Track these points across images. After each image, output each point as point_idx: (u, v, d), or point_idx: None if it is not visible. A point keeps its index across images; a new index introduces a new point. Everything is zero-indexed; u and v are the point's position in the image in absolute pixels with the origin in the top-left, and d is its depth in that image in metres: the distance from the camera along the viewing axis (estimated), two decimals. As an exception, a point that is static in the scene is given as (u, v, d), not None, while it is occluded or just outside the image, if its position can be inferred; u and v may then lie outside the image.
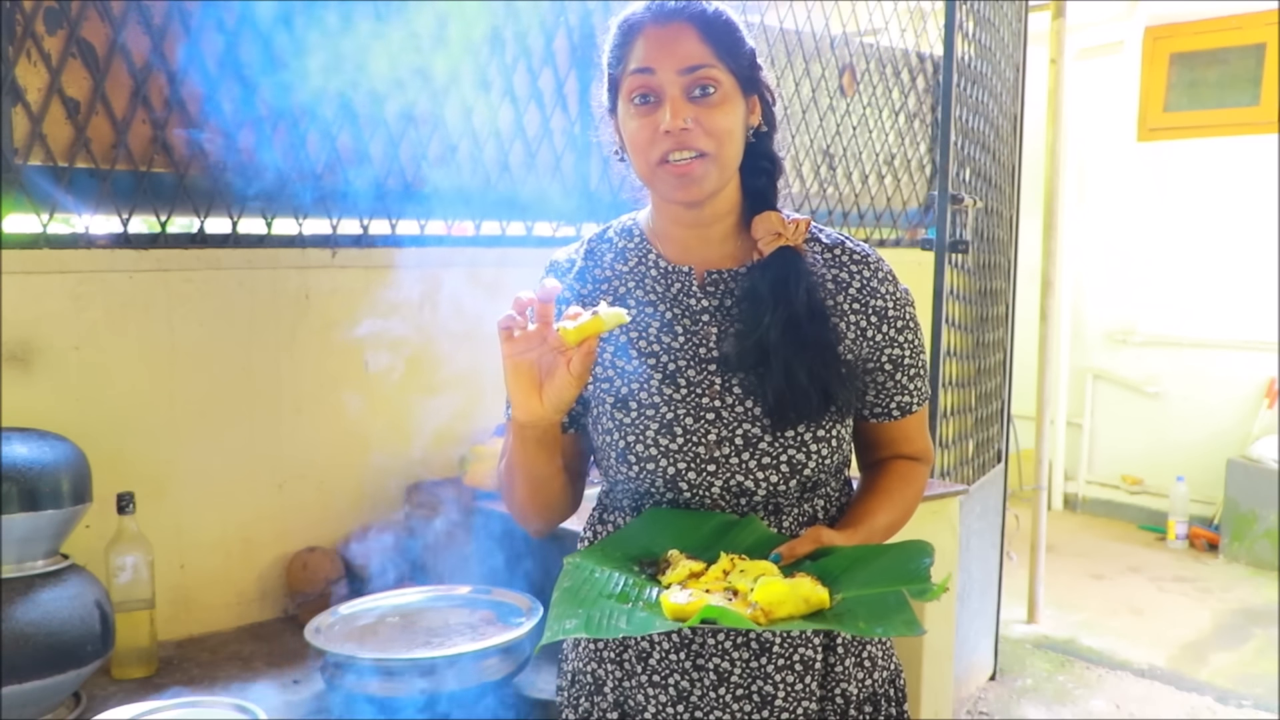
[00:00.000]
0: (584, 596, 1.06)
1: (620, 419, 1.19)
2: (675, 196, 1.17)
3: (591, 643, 1.27)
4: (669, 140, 1.13)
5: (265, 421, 2.08)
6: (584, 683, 1.28)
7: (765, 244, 1.20)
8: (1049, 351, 4.25)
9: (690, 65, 1.14)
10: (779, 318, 1.16)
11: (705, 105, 1.14)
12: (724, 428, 1.17)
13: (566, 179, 2.49)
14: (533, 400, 1.07)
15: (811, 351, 1.16)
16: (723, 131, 1.15)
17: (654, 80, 1.14)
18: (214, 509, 2.02)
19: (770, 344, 1.15)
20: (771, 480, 1.17)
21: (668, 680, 1.21)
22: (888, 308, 1.24)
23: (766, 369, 1.15)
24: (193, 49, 1.86)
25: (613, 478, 1.25)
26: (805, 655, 1.21)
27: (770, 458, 1.17)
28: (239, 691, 1.62)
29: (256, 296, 2.04)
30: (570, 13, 2.43)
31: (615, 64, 1.19)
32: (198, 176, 1.92)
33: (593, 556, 1.15)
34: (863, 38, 3.30)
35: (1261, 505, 4.83)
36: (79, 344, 1.84)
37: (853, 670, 1.24)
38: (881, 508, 1.24)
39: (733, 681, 1.19)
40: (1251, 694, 3.55)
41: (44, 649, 1.48)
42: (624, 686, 1.24)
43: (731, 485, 1.17)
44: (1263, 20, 5.05)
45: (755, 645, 1.19)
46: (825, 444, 1.19)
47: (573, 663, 1.31)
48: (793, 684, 1.20)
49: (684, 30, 1.15)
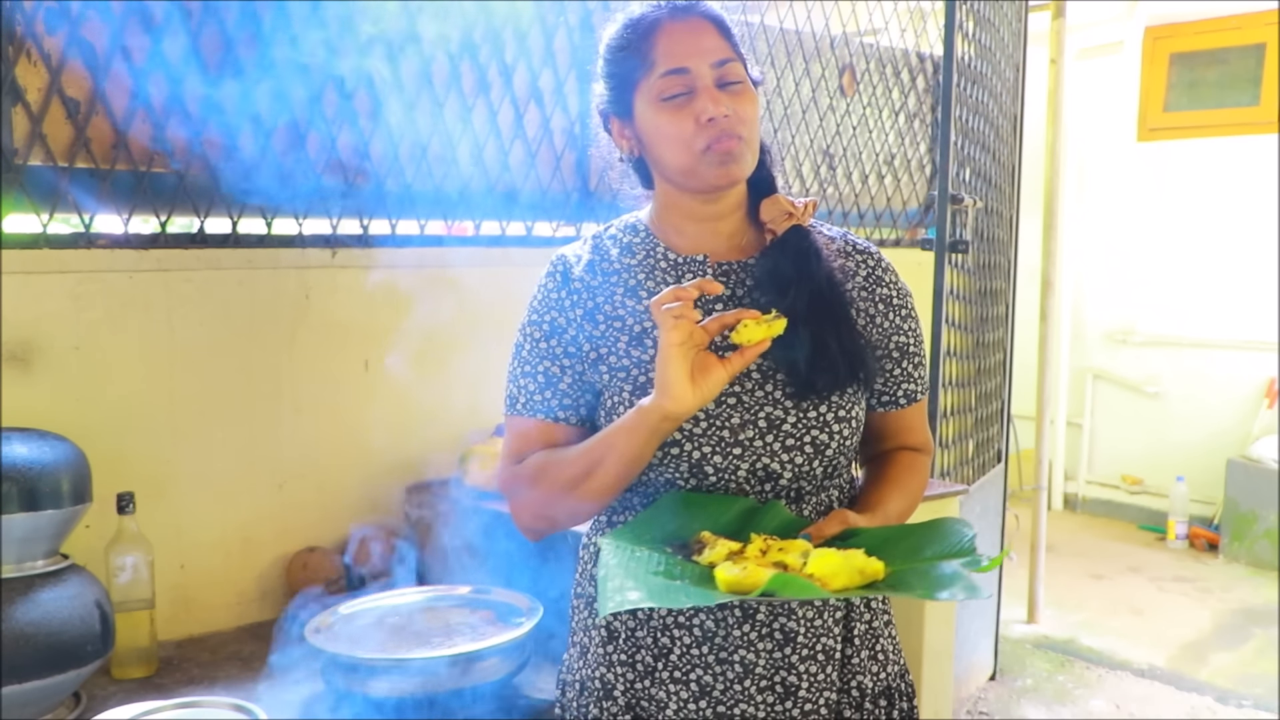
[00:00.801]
0: (631, 572, 1.03)
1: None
2: (719, 180, 1.18)
3: (601, 648, 1.26)
4: (713, 128, 1.14)
5: (265, 421, 2.08)
6: (593, 689, 1.27)
7: (777, 224, 1.23)
8: (1049, 351, 4.25)
9: (720, 58, 1.17)
10: (804, 290, 1.18)
11: (735, 95, 1.17)
12: (745, 411, 1.17)
13: (566, 179, 2.49)
14: (687, 390, 1.05)
15: (837, 320, 1.19)
16: (751, 120, 1.18)
17: (689, 78, 1.16)
18: (214, 509, 2.02)
19: (797, 315, 1.16)
20: (796, 461, 1.18)
21: (689, 676, 1.20)
22: (892, 296, 1.28)
23: (793, 340, 1.15)
24: (193, 49, 1.86)
25: None
26: (827, 645, 1.21)
27: (794, 439, 1.17)
28: (239, 691, 1.62)
29: (256, 296, 2.04)
30: (570, 13, 2.43)
31: (631, 65, 1.19)
32: (198, 176, 1.92)
33: (625, 536, 1.12)
34: (863, 38, 3.30)
35: (1261, 505, 4.83)
36: (79, 344, 1.84)
37: (868, 663, 1.25)
38: (893, 495, 1.25)
39: (757, 673, 1.19)
40: (1251, 694, 3.55)
41: (44, 649, 1.48)
42: (636, 689, 1.23)
43: (757, 468, 1.17)
44: (1263, 20, 5.05)
45: (779, 636, 1.19)
46: (846, 424, 1.20)
47: (579, 672, 1.29)
48: (815, 674, 1.20)
49: (703, 25, 1.18)
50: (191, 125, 1.88)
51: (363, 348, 2.18)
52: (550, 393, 1.22)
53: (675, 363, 1.04)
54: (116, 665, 1.74)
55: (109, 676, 1.74)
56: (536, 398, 1.22)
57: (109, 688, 1.71)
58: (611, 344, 1.21)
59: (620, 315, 1.22)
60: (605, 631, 1.26)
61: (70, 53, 1.75)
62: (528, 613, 1.71)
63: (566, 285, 1.24)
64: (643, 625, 1.23)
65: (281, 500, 2.11)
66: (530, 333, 1.24)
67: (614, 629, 1.25)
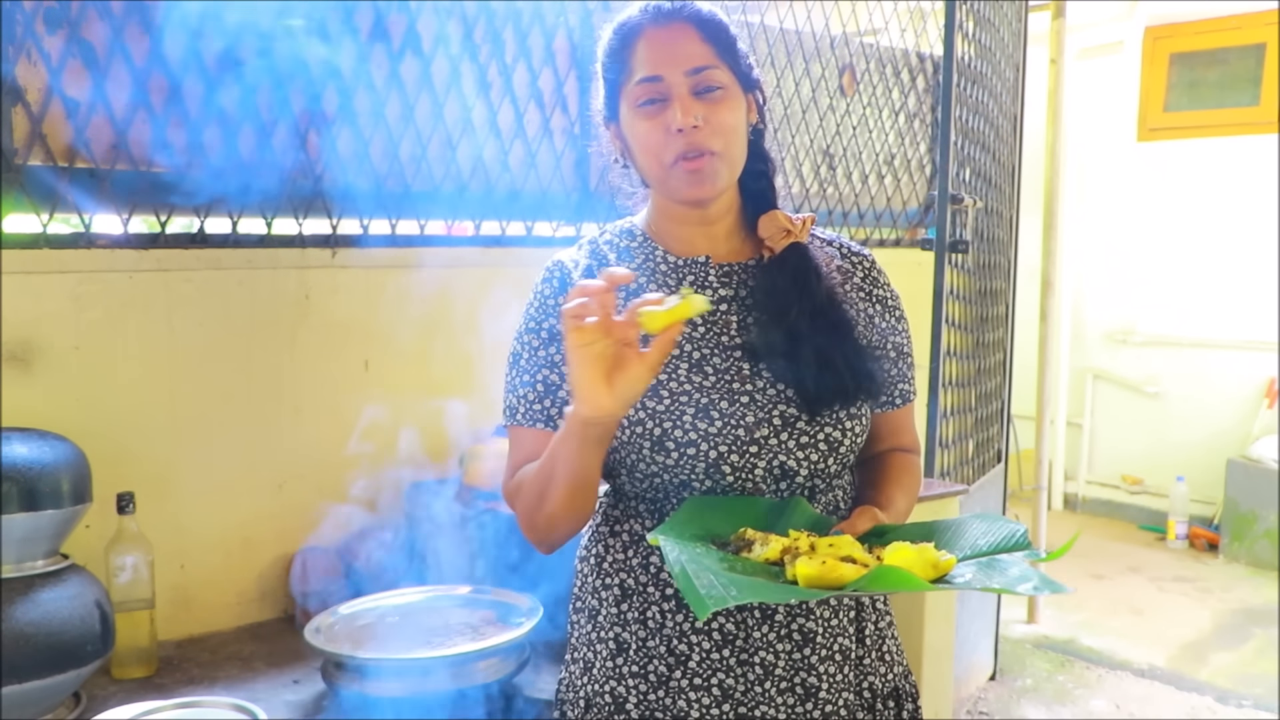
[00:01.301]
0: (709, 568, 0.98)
1: (653, 407, 1.15)
2: (688, 196, 1.17)
3: (610, 661, 1.23)
4: (681, 140, 1.13)
5: (265, 421, 2.08)
6: (602, 705, 1.23)
7: (775, 241, 1.22)
8: (1049, 351, 4.26)
9: (696, 65, 1.15)
10: (805, 309, 1.18)
11: (711, 103, 1.15)
12: (759, 410, 1.16)
13: (566, 179, 2.49)
14: (601, 394, 0.99)
15: (841, 337, 1.19)
16: (729, 129, 1.16)
17: (662, 86, 1.15)
18: (214, 509, 2.02)
19: (800, 334, 1.16)
20: (812, 459, 1.17)
21: (711, 680, 1.18)
22: (887, 297, 1.30)
23: (798, 358, 1.16)
24: (192, 49, 1.86)
25: (642, 473, 1.19)
26: (843, 645, 1.21)
27: (809, 437, 1.17)
28: (239, 691, 1.62)
29: (256, 296, 2.04)
30: (570, 13, 2.43)
31: (616, 70, 1.19)
32: (198, 176, 1.92)
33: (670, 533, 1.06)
34: (863, 38, 3.30)
35: (1261, 505, 4.83)
36: (79, 344, 1.84)
37: (876, 664, 1.25)
38: (899, 493, 1.25)
39: (777, 675, 1.18)
40: (1251, 694, 3.55)
41: (44, 649, 1.48)
42: (650, 700, 1.20)
43: (774, 467, 1.16)
44: (1263, 20, 5.05)
45: (798, 636, 1.18)
46: (858, 421, 1.20)
47: (584, 689, 1.25)
48: (833, 674, 1.20)
49: (685, 30, 1.16)
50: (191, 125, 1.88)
51: (363, 348, 2.18)
52: (550, 401, 1.19)
53: (580, 366, 0.99)
54: (116, 665, 1.74)
55: (109, 676, 1.74)
56: (536, 407, 1.20)
57: (109, 688, 1.71)
58: None
59: None
60: (614, 645, 1.22)
61: (70, 53, 1.75)
62: (528, 613, 1.71)
63: (564, 291, 1.21)
64: (654, 634, 1.20)
65: (281, 500, 2.11)
66: (528, 340, 1.22)
67: (623, 641, 1.22)
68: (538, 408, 1.20)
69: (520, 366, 1.22)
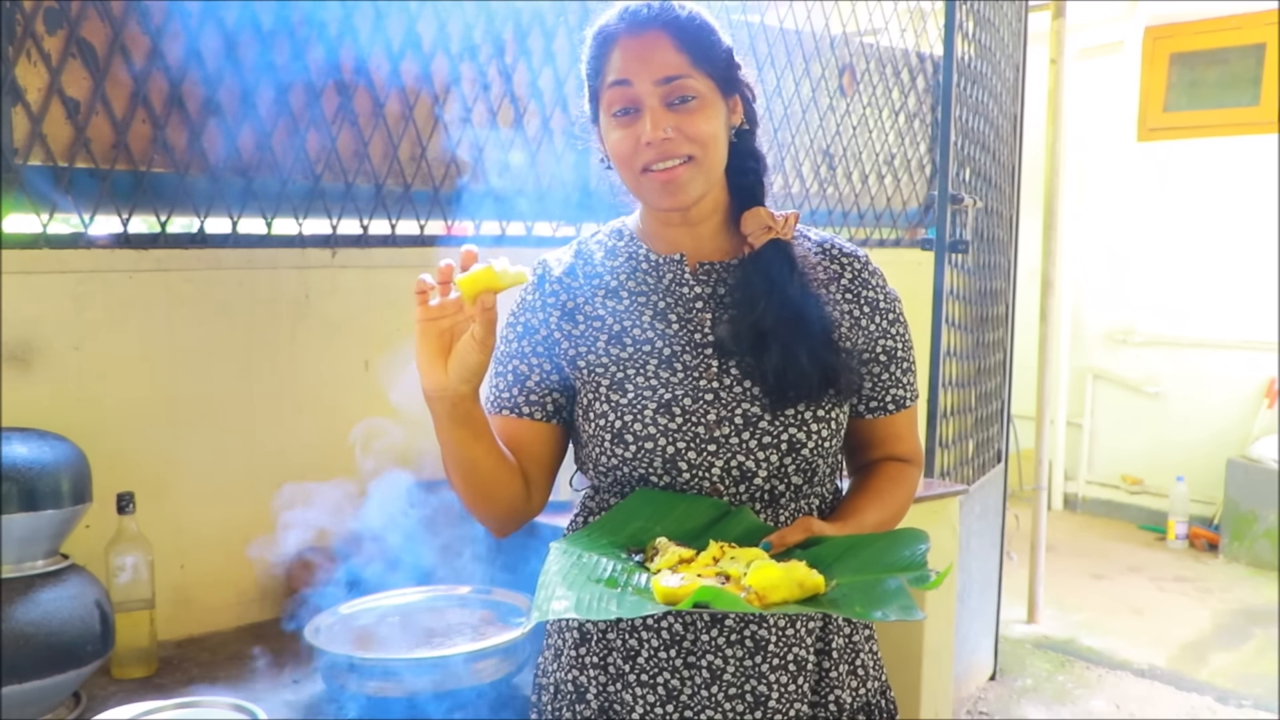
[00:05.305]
0: (572, 580, 1.04)
1: (616, 400, 1.18)
2: (661, 204, 1.19)
3: (574, 650, 1.25)
4: (651, 151, 1.14)
5: (265, 421, 2.08)
6: (566, 692, 1.26)
7: (756, 238, 1.22)
8: (1049, 351, 4.25)
9: (666, 75, 1.14)
10: (774, 303, 1.17)
11: (684, 113, 1.15)
12: (723, 408, 1.17)
13: (566, 179, 2.49)
14: (437, 368, 1.07)
15: (809, 333, 1.18)
16: (705, 136, 1.16)
17: (632, 92, 1.15)
18: (214, 509, 2.02)
19: (766, 328, 1.16)
20: (772, 460, 1.17)
21: (656, 679, 1.19)
22: (879, 299, 1.27)
23: (763, 352, 1.16)
24: (193, 49, 1.86)
25: (605, 466, 1.21)
26: (799, 655, 1.20)
27: (771, 436, 1.17)
28: (239, 691, 1.62)
29: (256, 296, 2.04)
30: (570, 13, 2.43)
31: (593, 76, 1.21)
32: (198, 176, 1.92)
33: (579, 542, 1.13)
34: (863, 38, 3.30)
35: (1261, 505, 4.83)
36: (79, 344, 1.84)
37: (846, 678, 1.24)
38: (871, 505, 1.23)
39: (725, 680, 1.18)
40: (1251, 694, 3.56)
41: (44, 649, 1.48)
42: (608, 692, 1.22)
43: (732, 466, 1.17)
44: (1263, 20, 5.05)
45: (750, 643, 1.18)
46: (825, 424, 1.19)
47: (554, 675, 1.29)
48: (786, 684, 1.19)
49: (658, 39, 1.15)
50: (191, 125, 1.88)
51: (363, 348, 2.18)
52: (517, 389, 1.24)
53: (420, 341, 1.07)
54: (116, 665, 1.74)
55: (109, 676, 1.74)
56: (504, 395, 1.24)
57: (109, 688, 1.71)
58: (590, 342, 1.22)
59: (600, 315, 1.23)
60: (578, 634, 1.25)
61: (70, 53, 1.75)
62: (528, 613, 1.71)
63: (542, 287, 1.26)
64: (613, 627, 1.22)
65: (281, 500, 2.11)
66: (505, 334, 1.26)
67: (586, 631, 1.24)
68: (505, 396, 1.24)
69: (497, 358, 1.26)
